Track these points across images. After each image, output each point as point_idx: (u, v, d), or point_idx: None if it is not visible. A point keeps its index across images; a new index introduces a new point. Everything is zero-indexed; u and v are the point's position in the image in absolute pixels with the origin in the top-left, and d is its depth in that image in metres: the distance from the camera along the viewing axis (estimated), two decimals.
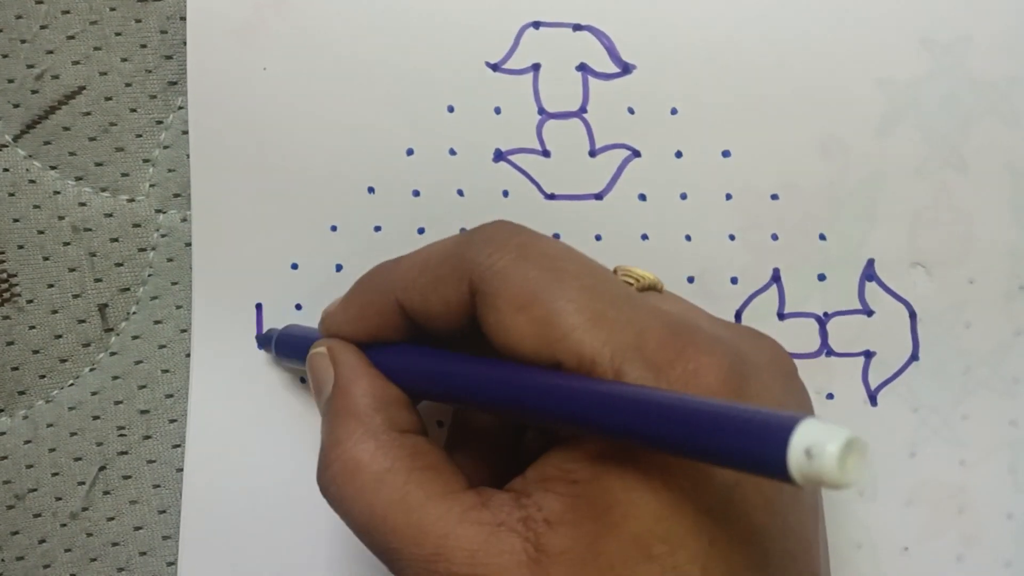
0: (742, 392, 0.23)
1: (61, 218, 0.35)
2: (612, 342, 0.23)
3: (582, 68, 0.34)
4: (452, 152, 0.34)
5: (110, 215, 0.35)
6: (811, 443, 0.17)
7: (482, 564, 0.23)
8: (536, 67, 0.34)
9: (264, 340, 0.35)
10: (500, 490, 0.25)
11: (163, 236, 0.35)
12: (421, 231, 0.34)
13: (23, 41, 0.35)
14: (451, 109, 0.34)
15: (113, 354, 0.35)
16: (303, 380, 0.35)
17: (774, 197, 0.34)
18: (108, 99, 0.35)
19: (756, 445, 0.18)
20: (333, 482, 0.26)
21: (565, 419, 0.23)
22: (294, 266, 0.35)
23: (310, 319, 0.35)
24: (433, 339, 0.28)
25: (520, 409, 0.24)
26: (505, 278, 0.24)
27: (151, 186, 0.35)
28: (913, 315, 0.34)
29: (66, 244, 0.35)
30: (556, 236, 0.34)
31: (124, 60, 0.35)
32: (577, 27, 0.34)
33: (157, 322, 0.35)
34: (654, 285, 0.28)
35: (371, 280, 0.29)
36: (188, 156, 0.35)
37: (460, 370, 0.26)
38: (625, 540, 0.22)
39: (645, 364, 0.23)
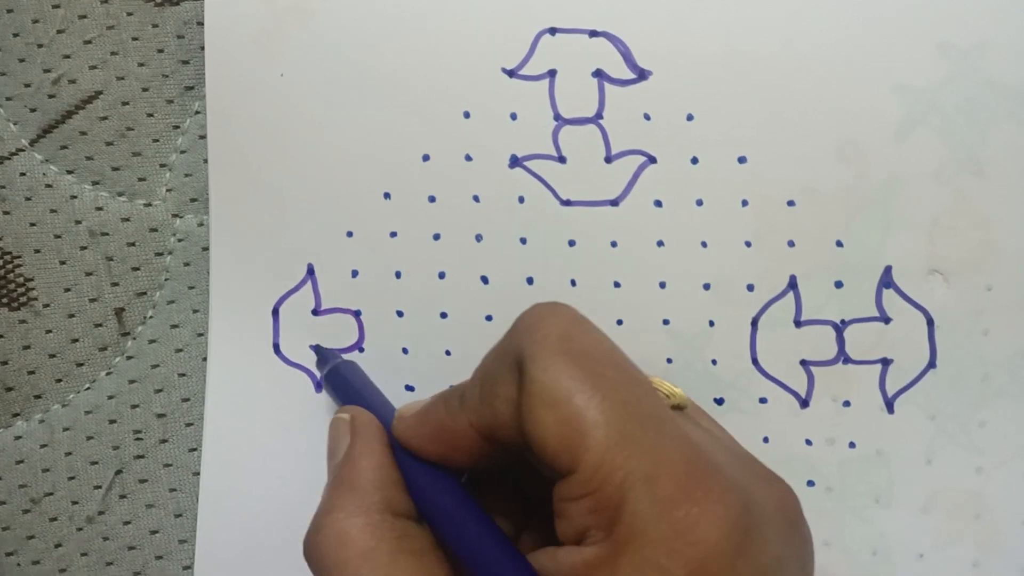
0: (741, 548, 0.23)
1: (78, 222, 0.35)
2: (627, 467, 0.23)
3: (598, 74, 0.34)
4: (468, 158, 0.34)
5: (127, 219, 0.35)
6: None
7: None
8: (552, 73, 0.34)
9: (320, 361, 0.34)
10: None
11: (180, 240, 0.35)
12: (437, 237, 0.34)
13: (40, 45, 0.35)
14: (467, 115, 0.34)
15: (130, 358, 0.35)
16: (319, 388, 0.35)
17: (791, 203, 0.34)
18: (125, 104, 0.35)
19: None
20: (318, 548, 0.26)
21: None
22: (310, 270, 0.35)
23: (327, 324, 0.35)
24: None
25: None
26: (544, 369, 0.24)
27: (168, 190, 0.35)
28: (931, 322, 0.34)
29: (83, 248, 0.35)
30: (571, 243, 0.34)
31: (141, 65, 0.35)
32: (593, 33, 0.33)
33: (174, 326, 0.36)
34: (681, 404, 0.28)
35: (445, 399, 0.28)
36: (205, 161, 0.35)
37: (451, 521, 0.27)
38: None
39: (652, 499, 0.23)
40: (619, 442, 0.23)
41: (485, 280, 0.34)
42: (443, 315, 0.35)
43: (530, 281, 0.34)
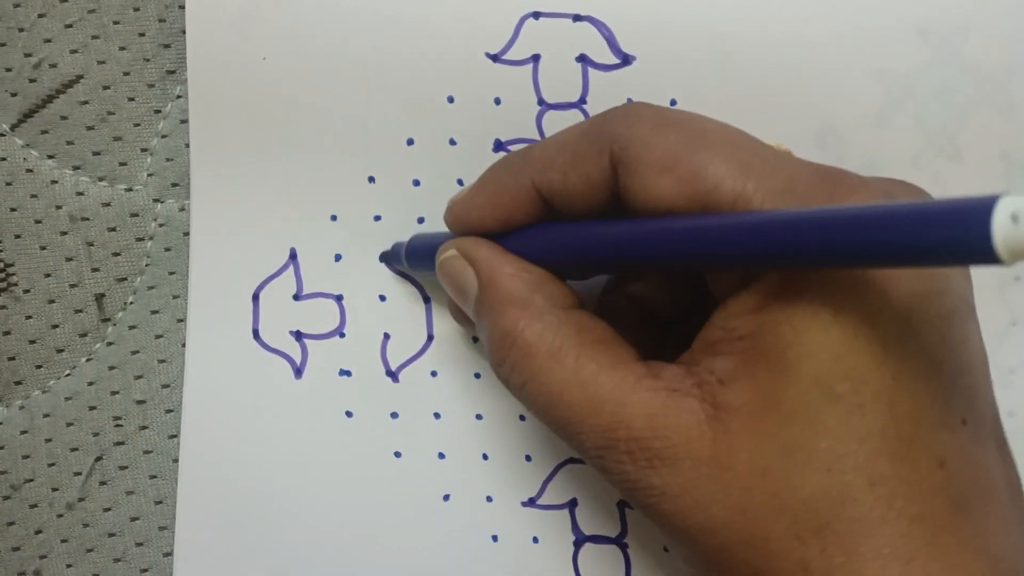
0: None
1: (58, 207, 0.35)
2: (762, 188, 0.23)
3: (582, 59, 0.34)
4: (452, 142, 0.34)
5: (108, 204, 0.35)
6: (1017, 208, 0.16)
7: (661, 427, 0.23)
8: (536, 58, 0.34)
9: (391, 256, 0.34)
10: (668, 363, 0.25)
11: (161, 226, 0.35)
12: (421, 220, 0.34)
13: (21, 30, 0.35)
14: (451, 99, 0.34)
15: (110, 344, 0.35)
16: (299, 374, 0.35)
17: None
18: (106, 88, 0.35)
19: (959, 223, 0.17)
20: (513, 371, 0.26)
21: (741, 254, 0.22)
22: (293, 255, 0.34)
23: (308, 309, 0.35)
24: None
25: (695, 253, 0.23)
26: (646, 144, 0.24)
27: (149, 175, 0.35)
28: None
29: (63, 233, 0.35)
30: None
31: (122, 49, 0.35)
32: (577, 17, 0.34)
33: (154, 312, 0.35)
34: (788, 153, 0.28)
35: (504, 164, 0.29)
36: (186, 145, 0.35)
37: (618, 231, 0.25)
38: (804, 383, 0.22)
39: (798, 206, 0.23)
40: (744, 171, 0.23)
41: None
42: (426, 299, 0.34)
43: None
